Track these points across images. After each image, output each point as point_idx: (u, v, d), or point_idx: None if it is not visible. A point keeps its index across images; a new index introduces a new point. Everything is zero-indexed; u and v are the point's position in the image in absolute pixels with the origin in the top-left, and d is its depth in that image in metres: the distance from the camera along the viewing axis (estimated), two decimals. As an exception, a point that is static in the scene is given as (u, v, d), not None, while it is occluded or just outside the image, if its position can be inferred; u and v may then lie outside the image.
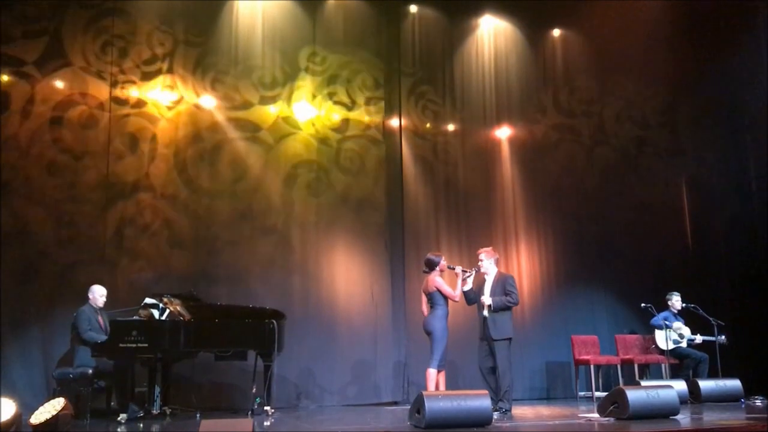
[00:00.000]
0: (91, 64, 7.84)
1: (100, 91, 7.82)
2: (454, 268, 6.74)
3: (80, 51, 7.82)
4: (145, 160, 7.90)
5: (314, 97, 8.71)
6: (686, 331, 8.32)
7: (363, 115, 8.88)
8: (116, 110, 7.85)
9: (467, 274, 6.70)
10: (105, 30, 7.94)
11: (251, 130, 8.42)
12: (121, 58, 7.96)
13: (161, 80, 8.09)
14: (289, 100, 8.60)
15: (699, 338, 8.25)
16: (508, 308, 6.55)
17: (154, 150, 7.95)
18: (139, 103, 7.97)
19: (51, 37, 7.72)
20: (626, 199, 9.85)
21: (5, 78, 7.54)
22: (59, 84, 7.70)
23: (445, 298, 6.60)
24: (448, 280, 6.82)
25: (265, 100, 8.53)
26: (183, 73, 8.19)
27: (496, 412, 6.15)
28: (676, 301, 8.45)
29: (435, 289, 6.61)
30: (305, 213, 8.43)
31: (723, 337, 8.06)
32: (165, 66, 8.13)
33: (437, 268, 6.70)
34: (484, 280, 6.72)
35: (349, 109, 8.83)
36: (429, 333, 6.59)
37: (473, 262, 7.04)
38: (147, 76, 8.05)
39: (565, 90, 9.93)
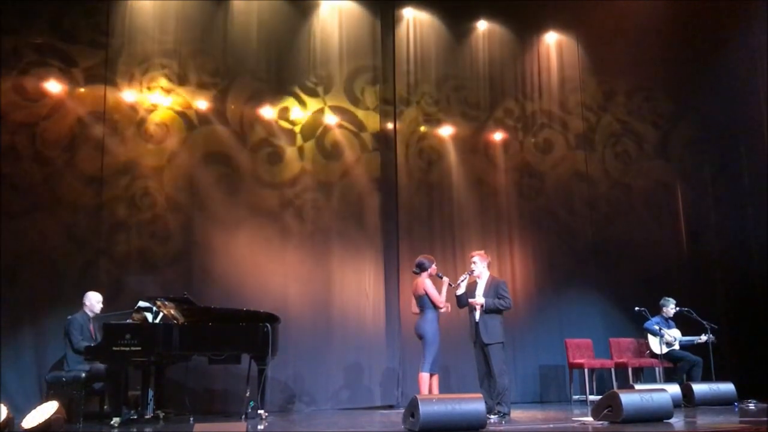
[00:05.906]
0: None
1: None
2: (442, 278, 6.73)
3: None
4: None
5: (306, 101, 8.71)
6: (677, 334, 8.32)
7: (358, 117, 8.86)
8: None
9: (454, 287, 6.65)
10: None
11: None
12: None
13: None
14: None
15: (702, 338, 8.21)
16: (500, 310, 6.51)
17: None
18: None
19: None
20: (621, 202, 9.87)
21: None
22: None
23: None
24: (436, 286, 6.76)
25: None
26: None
27: (494, 416, 6.15)
28: (670, 309, 8.40)
29: (423, 292, 6.61)
30: (298, 216, 8.40)
31: (712, 336, 8.01)
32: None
33: (427, 272, 6.70)
34: (476, 284, 6.68)
35: (344, 112, 8.82)
36: (420, 336, 6.58)
37: (467, 266, 7.02)
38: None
39: (560, 94, 9.92)
